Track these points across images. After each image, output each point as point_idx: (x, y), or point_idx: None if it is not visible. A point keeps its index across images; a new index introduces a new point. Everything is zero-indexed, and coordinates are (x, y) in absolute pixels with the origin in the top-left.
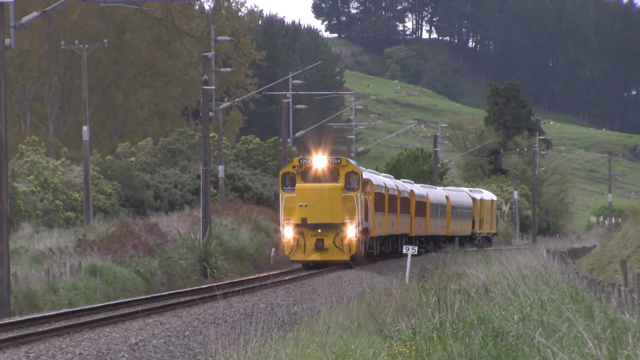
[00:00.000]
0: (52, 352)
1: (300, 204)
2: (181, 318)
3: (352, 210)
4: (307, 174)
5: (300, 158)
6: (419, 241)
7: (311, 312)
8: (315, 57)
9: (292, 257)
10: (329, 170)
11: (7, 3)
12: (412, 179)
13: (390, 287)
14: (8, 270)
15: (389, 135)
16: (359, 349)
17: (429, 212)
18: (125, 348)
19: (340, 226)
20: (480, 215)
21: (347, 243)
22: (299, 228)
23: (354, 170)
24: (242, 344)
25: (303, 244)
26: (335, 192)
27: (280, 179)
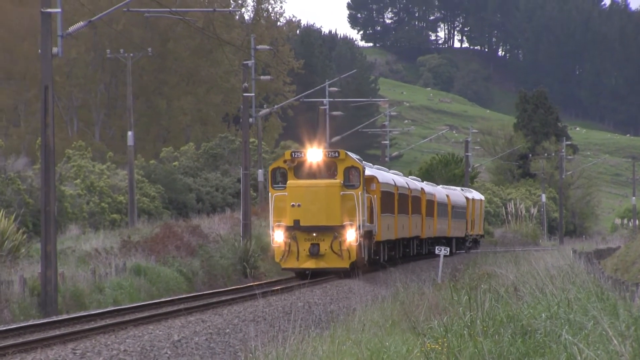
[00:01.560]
0: (97, 349)
1: (293, 204)
2: (222, 316)
3: (352, 211)
4: (301, 169)
5: (292, 151)
6: (428, 243)
7: (347, 311)
8: (351, 65)
9: (284, 265)
10: (325, 165)
11: (54, 13)
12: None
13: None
14: (55, 270)
15: (422, 141)
16: (393, 346)
17: (437, 212)
18: (168, 345)
19: (339, 229)
20: (472, 215)
21: (347, 248)
22: (290, 231)
23: (354, 165)
24: (280, 341)
25: (296, 249)
26: (333, 189)
27: (270, 175)
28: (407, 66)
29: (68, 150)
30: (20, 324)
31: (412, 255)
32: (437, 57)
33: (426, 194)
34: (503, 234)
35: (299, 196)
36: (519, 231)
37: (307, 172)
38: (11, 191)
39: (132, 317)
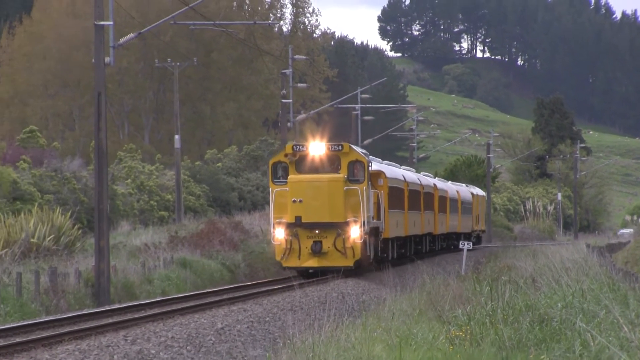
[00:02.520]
0: (147, 336)
1: (294, 200)
2: (262, 305)
3: (356, 207)
4: (302, 163)
5: (294, 144)
6: (441, 239)
7: (378, 301)
8: (381, 74)
9: (285, 264)
10: (328, 159)
11: (107, 25)
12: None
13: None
14: (108, 263)
15: (447, 144)
16: (420, 333)
17: (449, 208)
18: (212, 332)
19: (342, 226)
20: (477, 211)
21: (350, 246)
22: (292, 228)
23: (358, 158)
24: (316, 328)
25: (297, 247)
26: (336, 184)
27: (270, 170)
28: (433, 75)
29: (120, 152)
30: (76, 312)
31: (425, 252)
32: (461, 66)
33: (439, 190)
34: (522, 229)
35: (301, 191)
36: (537, 227)
37: (310, 166)
38: (67, 190)
39: (179, 306)
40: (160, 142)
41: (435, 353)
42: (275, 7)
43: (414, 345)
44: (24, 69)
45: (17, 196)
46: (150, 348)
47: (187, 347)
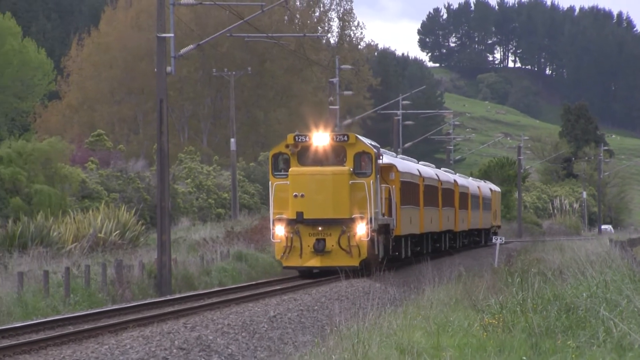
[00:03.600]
0: (205, 323)
1: (295, 194)
2: (311, 295)
3: (362, 202)
4: (305, 155)
5: (295, 135)
6: (462, 236)
7: (417, 291)
8: (420, 82)
9: (285, 263)
10: (332, 150)
11: (168, 37)
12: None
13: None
14: (169, 256)
15: (481, 146)
16: (457, 320)
17: (470, 204)
18: (265, 320)
19: (347, 222)
20: (495, 206)
21: (356, 244)
22: (293, 225)
23: (365, 150)
24: (361, 316)
25: (299, 245)
26: (341, 178)
27: (271, 162)
28: (468, 83)
29: (180, 154)
30: (139, 302)
31: (444, 250)
32: (494, 75)
33: (459, 186)
34: (550, 225)
35: (303, 185)
36: (564, 223)
37: (313, 158)
38: (131, 189)
39: (234, 296)
40: (218, 145)
41: (470, 339)
42: (323, 20)
43: (451, 332)
44: (92, 78)
45: (85, 194)
46: (208, 334)
47: (242, 334)
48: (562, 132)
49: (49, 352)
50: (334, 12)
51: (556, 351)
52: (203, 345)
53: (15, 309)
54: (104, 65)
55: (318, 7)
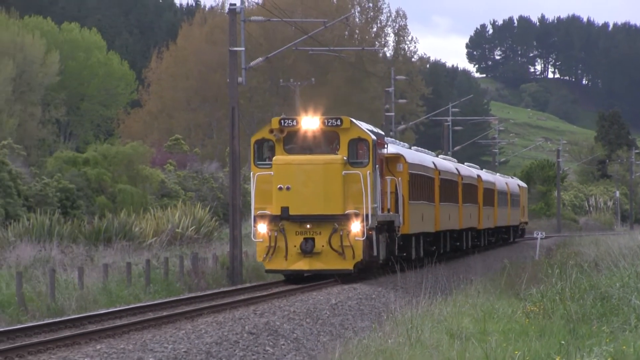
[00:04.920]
0: (273, 310)
1: (280, 186)
2: (369, 285)
3: (357, 196)
4: (292, 141)
5: (281, 118)
6: (488, 234)
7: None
8: (468, 91)
9: (268, 266)
10: (324, 137)
11: (239, 50)
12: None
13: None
14: (240, 249)
15: (523, 150)
16: (501, 308)
17: (497, 201)
18: (328, 307)
19: (340, 219)
20: (523, 203)
21: (350, 245)
22: (277, 222)
23: (361, 136)
24: (414, 304)
25: (284, 246)
26: (333, 167)
27: (252, 149)
28: (512, 92)
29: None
30: (213, 291)
31: (466, 249)
32: (535, 85)
33: (484, 181)
34: (586, 221)
35: (289, 176)
36: (598, 219)
37: (301, 145)
38: (206, 188)
39: (300, 285)
40: None
41: (514, 325)
42: (380, 35)
43: (496, 319)
44: (170, 87)
45: (164, 193)
46: (275, 320)
47: (307, 320)
48: (597, 137)
49: (131, 336)
50: (390, 28)
51: (592, 336)
52: (271, 330)
53: (101, 297)
54: (181, 76)
55: (376, 23)
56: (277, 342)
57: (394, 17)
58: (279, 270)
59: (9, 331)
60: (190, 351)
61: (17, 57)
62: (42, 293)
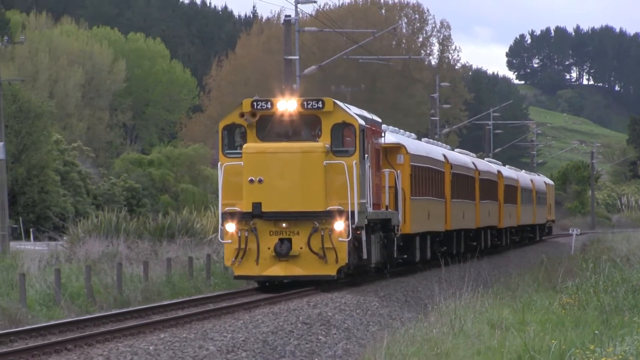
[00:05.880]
0: (325, 302)
1: (251, 179)
2: (415, 278)
3: (342, 189)
4: (266, 126)
5: (254, 100)
6: (511, 233)
7: (506, 275)
8: (508, 97)
9: (237, 271)
10: (303, 121)
11: (294, 59)
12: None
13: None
14: None
15: (560, 152)
16: (539, 300)
17: (520, 198)
18: (377, 299)
19: (321, 217)
20: (550, 200)
21: (332, 246)
22: (247, 221)
23: (346, 120)
24: (457, 296)
25: (255, 247)
26: (313, 157)
27: (220, 136)
28: (549, 98)
29: None
30: None
31: (485, 249)
32: (571, 91)
33: (504, 178)
34: (619, 219)
35: (261, 167)
36: (630, 217)
37: (276, 131)
38: None
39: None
40: None
41: (551, 316)
42: (426, 45)
43: (534, 310)
44: (229, 94)
45: None
46: (327, 311)
47: (357, 311)
48: (629, 140)
49: (193, 325)
50: (435, 38)
51: (624, 326)
52: (323, 321)
53: (165, 289)
54: (240, 83)
55: (421, 33)
56: (329, 331)
57: (438, 28)
58: (249, 277)
59: (79, 321)
60: (248, 340)
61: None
62: (110, 285)
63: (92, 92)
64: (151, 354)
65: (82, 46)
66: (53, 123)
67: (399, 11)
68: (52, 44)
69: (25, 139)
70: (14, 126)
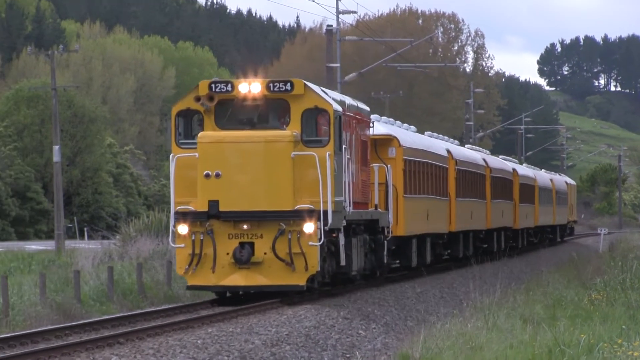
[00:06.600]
0: (365, 298)
1: (207, 173)
2: (450, 275)
3: (313, 185)
4: (225, 113)
5: (212, 82)
6: (529, 234)
7: (537, 272)
8: (539, 102)
9: (191, 281)
10: (269, 107)
11: (335, 67)
12: (604, 184)
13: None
14: None
15: (588, 155)
16: (569, 296)
17: (538, 198)
18: (414, 295)
19: (289, 217)
20: (571, 200)
21: (302, 252)
22: (203, 222)
23: (319, 105)
24: (490, 292)
25: (211, 253)
26: (279, 147)
27: (173, 123)
28: (578, 103)
29: None
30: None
31: (497, 251)
32: (599, 97)
33: (520, 176)
34: None
35: (219, 159)
36: None
37: (238, 117)
38: None
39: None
40: None
41: (580, 311)
42: (461, 53)
43: (564, 305)
44: None
45: None
46: (366, 306)
47: (395, 306)
48: None
49: (239, 320)
50: (470, 46)
51: None
52: (363, 316)
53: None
54: None
55: (457, 42)
56: (368, 326)
57: (473, 37)
58: (205, 287)
59: (130, 316)
60: (291, 334)
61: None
62: (160, 282)
63: (143, 97)
64: (199, 347)
65: (134, 54)
66: (106, 127)
67: (435, 21)
68: (105, 52)
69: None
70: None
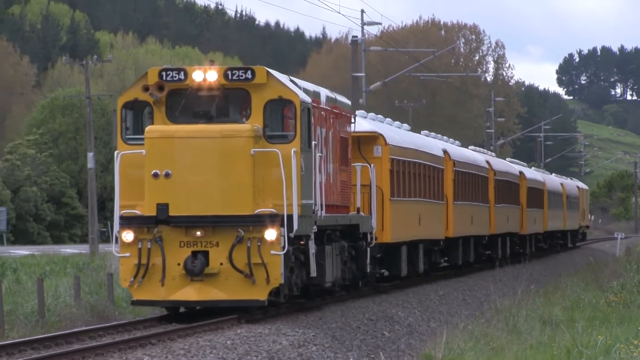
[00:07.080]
0: (389, 301)
1: (156, 172)
2: (472, 279)
3: (276, 187)
4: (178, 104)
5: (162, 69)
6: (538, 240)
7: (555, 276)
8: (557, 111)
9: (137, 295)
10: (227, 98)
11: (360, 76)
12: (620, 190)
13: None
14: None
15: (605, 162)
16: (586, 298)
17: (547, 203)
18: (436, 298)
19: (248, 222)
20: (583, 205)
21: (263, 262)
22: (150, 228)
23: (283, 95)
24: (511, 294)
25: (160, 263)
26: (237, 143)
27: (119, 116)
28: (595, 112)
29: None
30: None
31: (502, 258)
32: (616, 106)
33: (527, 179)
34: None
35: (169, 156)
36: None
37: (192, 110)
38: None
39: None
40: None
41: (597, 313)
42: (482, 63)
43: (582, 307)
44: None
45: None
46: (391, 308)
47: (418, 308)
48: None
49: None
50: (491, 56)
51: None
52: (387, 317)
53: None
54: None
55: (478, 52)
56: (392, 327)
57: (493, 48)
58: (153, 302)
59: (162, 317)
60: (318, 335)
61: None
62: None
63: None
64: (228, 347)
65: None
66: None
67: (457, 32)
68: (137, 62)
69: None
70: (103, 137)
